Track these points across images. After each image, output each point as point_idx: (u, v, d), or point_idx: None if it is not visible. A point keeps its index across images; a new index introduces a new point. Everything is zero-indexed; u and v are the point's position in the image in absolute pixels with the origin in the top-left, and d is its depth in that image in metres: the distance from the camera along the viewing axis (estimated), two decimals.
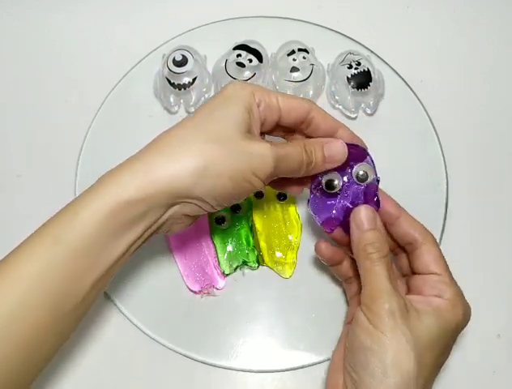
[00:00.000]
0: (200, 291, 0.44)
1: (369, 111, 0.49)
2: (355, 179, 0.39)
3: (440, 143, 0.49)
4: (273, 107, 0.36)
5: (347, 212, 0.38)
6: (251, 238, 0.45)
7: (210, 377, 0.42)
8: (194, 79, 0.49)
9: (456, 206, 0.47)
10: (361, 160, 0.39)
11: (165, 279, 0.44)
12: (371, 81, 0.48)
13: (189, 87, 0.49)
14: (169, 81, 0.48)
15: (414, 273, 0.37)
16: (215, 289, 0.44)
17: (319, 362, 0.42)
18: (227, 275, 0.44)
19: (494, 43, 0.54)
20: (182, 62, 0.48)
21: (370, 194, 0.39)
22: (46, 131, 0.51)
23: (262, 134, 0.38)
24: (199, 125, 0.34)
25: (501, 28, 0.55)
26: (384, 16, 0.56)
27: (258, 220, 0.46)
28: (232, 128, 0.34)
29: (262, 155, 0.34)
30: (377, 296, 0.34)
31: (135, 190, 0.32)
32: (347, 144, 0.38)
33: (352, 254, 0.37)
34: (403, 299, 0.34)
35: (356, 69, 0.48)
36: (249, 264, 0.44)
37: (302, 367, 0.42)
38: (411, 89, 0.51)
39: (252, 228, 0.45)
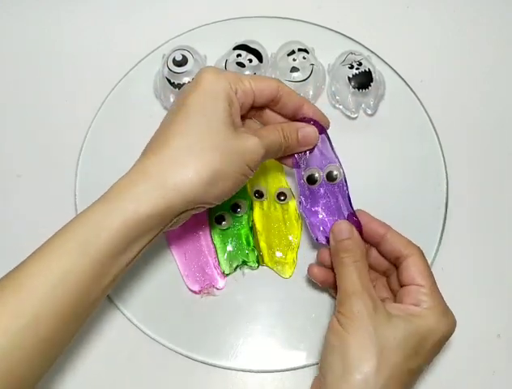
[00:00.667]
0: (200, 291, 0.44)
1: (369, 111, 0.49)
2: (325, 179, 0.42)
3: (440, 143, 0.49)
4: (248, 92, 0.38)
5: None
6: (251, 238, 0.45)
7: (210, 377, 0.42)
8: None
9: (456, 206, 0.47)
10: (320, 133, 0.42)
11: (165, 280, 0.44)
12: (372, 81, 0.48)
13: None
14: (169, 81, 0.48)
15: (401, 286, 0.38)
16: (215, 289, 0.44)
17: (318, 363, 0.42)
18: (227, 275, 0.44)
19: (494, 43, 0.54)
20: (182, 62, 0.48)
21: (343, 194, 0.42)
22: (46, 131, 0.51)
23: (242, 118, 0.40)
24: (195, 129, 0.35)
25: (501, 28, 0.55)
26: (384, 16, 0.56)
27: (258, 220, 0.46)
28: (224, 128, 0.36)
29: (254, 150, 0.37)
30: (346, 298, 0.35)
31: (153, 204, 0.34)
32: (308, 119, 0.41)
33: None
34: (372, 301, 0.35)
35: (357, 69, 0.48)
36: (248, 264, 0.44)
37: (302, 367, 0.42)
38: (411, 89, 0.51)
39: (252, 228, 0.45)
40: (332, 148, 0.42)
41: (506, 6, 0.56)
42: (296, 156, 0.42)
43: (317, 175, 0.42)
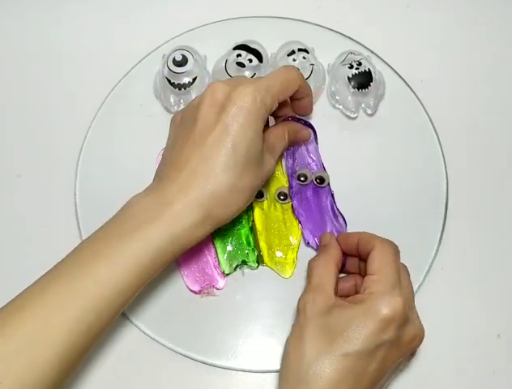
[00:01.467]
0: (200, 291, 0.44)
1: (369, 111, 0.49)
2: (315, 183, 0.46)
3: (440, 143, 0.48)
4: (274, 107, 0.39)
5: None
6: (251, 238, 0.45)
7: (210, 377, 0.42)
8: (194, 79, 0.49)
9: (456, 206, 0.47)
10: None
11: (165, 280, 0.44)
12: (372, 81, 0.48)
13: (189, 86, 0.49)
14: (169, 81, 0.48)
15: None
16: (215, 289, 0.44)
17: None
18: (227, 274, 0.44)
19: (494, 43, 0.54)
20: (182, 62, 0.48)
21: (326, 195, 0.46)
22: (46, 131, 0.51)
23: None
24: (237, 157, 0.37)
25: (501, 28, 0.55)
26: (384, 16, 0.56)
27: (258, 220, 0.46)
28: (259, 155, 0.38)
29: (271, 171, 0.40)
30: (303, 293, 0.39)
31: (199, 231, 0.37)
32: (296, 119, 0.45)
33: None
34: (321, 295, 0.37)
35: (356, 69, 0.48)
36: (248, 264, 0.44)
37: None
38: (411, 89, 0.51)
39: (252, 228, 0.45)
40: (317, 150, 0.47)
41: (506, 6, 0.56)
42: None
43: (308, 175, 0.46)
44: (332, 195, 0.46)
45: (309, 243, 0.45)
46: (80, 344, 0.33)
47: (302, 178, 0.46)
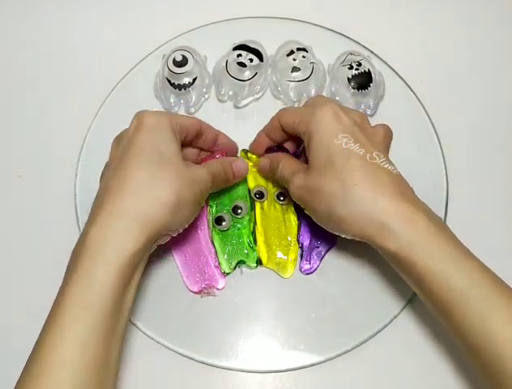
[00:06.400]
0: (200, 291, 0.44)
1: (369, 112, 0.49)
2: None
3: (440, 143, 0.49)
4: (183, 127, 0.41)
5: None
6: (252, 239, 0.45)
7: (210, 377, 0.42)
8: (195, 80, 0.49)
9: (456, 206, 0.47)
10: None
11: (165, 280, 0.44)
12: (371, 82, 0.48)
13: (189, 87, 0.49)
14: (169, 81, 0.48)
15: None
16: (215, 289, 0.44)
17: (319, 362, 0.42)
18: (227, 274, 0.44)
19: (495, 43, 0.54)
20: (182, 63, 0.48)
21: None
22: (46, 131, 0.51)
23: None
24: (151, 161, 0.37)
25: (502, 28, 0.55)
26: (384, 16, 0.56)
27: (259, 221, 0.46)
28: (177, 159, 0.38)
29: (204, 178, 0.40)
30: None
31: (134, 242, 0.34)
32: (274, 148, 0.46)
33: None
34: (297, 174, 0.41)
35: (356, 70, 0.48)
36: (247, 263, 0.44)
37: (302, 367, 0.42)
38: (411, 89, 0.51)
39: (253, 229, 0.45)
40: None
41: (507, 6, 0.56)
42: None
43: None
44: None
45: (302, 245, 0.45)
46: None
47: None
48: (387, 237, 0.36)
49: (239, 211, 0.45)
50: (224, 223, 0.45)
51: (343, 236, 0.39)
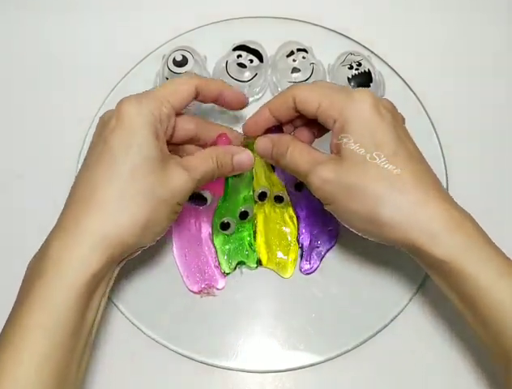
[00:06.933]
0: (200, 291, 0.44)
1: None
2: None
3: (440, 143, 0.49)
4: (170, 114, 0.37)
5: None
6: (253, 240, 0.45)
7: (210, 377, 0.42)
8: None
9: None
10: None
11: (165, 280, 0.44)
12: (371, 82, 0.48)
13: None
14: None
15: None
16: (215, 289, 0.44)
17: (319, 362, 0.42)
18: (227, 274, 0.44)
19: (495, 43, 0.54)
20: (182, 63, 0.48)
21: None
22: (46, 131, 0.51)
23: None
24: (123, 173, 0.34)
25: (502, 28, 0.55)
26: (384, 16, 0.56)
27: (259, 222, 0.45)
28: (153, 167, 0.35)
29: (183, 187, 0.36)
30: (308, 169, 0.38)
31: (97, 261, 0.33)
32: (271, 128, 0.41)
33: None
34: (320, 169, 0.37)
35: (356, 70, 0.48)
36: (247, 264, 0.44)
37: (302, 367, 0.42)
38: (411, 89, 0.51)
39: (254, 231, 0.45)
40: None
41: (507, 6, 0.56)
42: None
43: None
44: None
45: (302, 245, 0.45)
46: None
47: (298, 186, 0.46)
48: (435, 243, 0.34)
49: (246, 215, 0.45)
50: (229, 228, 0.45)
51: (377, 240, 0.37)
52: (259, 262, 0.45)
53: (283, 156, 0.39)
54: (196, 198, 0.44)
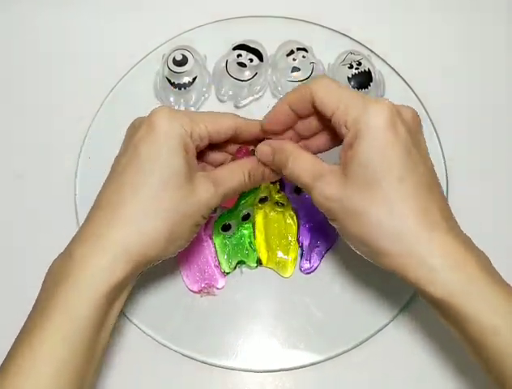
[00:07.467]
0: (200, 290, 0.44)
1: None
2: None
3: (440, 143, 0.48)
4: (203, 135, 0.37)
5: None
6: (253, 239, 0.45)
7: (210, 377, 0.42)
8: (194, 79, 0.49)
9: (456, 206, 0.47)
10: None
11: (165, 280, 0.44)
12: (371, 81, 0.48)
13: (189, 86, 0.49)
14: (169, 80, 0.48)
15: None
16: (215, 289, 0.44)
17: (319, 362, 0.42)
18: (227, 273, 0.44)
19: (495, 43, 0.54)
20: (182, 62, 0.48)
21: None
22: (46, 131, 0.51)
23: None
24: (150, 187, 0.34)
25: (502, 28, 0.55)
26: (384, 16, 0.56)
27: (259, 222, 0.45)
28: (180, 182, 0.34)
29: (209, 202, 0.36)
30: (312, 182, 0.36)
31: (120, 272, 0.33)
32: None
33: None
34: (324, 183, 0.35)
35: (356, 69, 0.48)
36: (247, 263, 0.44)
37: (302, 367, 0.42)
38: (411, 89, 0.51)
39: (253, 230, 0.45)
40: None
41: (507, 6, 0.56)
42: None
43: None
44: None
45: (302, 244, 0.45)
46: None
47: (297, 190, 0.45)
48: (434, 281, 0.32)
49: (248, 217, 0.45)
50: (230, 230, 0.45)
51: (374, 263, 0.35)
52: (259, 262, 0.45)
53: (284, 165, 0.37)
54: None
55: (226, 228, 0.45)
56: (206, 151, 0.40)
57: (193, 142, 0.36)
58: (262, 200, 0.45)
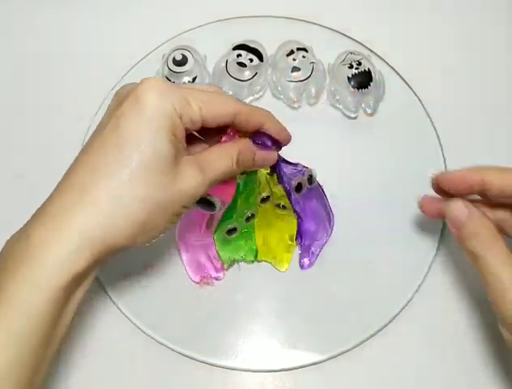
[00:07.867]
0: (200, 280, 0.44)
1: (369, 111, 0.49)
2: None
3: (440, 143, 0.49)
4: (195, 119, 0.33)
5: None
6: (253, 235, 0.45)
7: (210, 377, 0.42)
8: (194, 79, 0.49)
9: None
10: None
11: (165, 279, 0.44)
12: (371, 81, 0.48)
13: None
14: (169, 80, 0.49)
15: None
16: (214, 280, 0.44)
17: (319, 362, 0.42)
18: (226, 269, 0.44)
19: (495, 43, 0.54)
20: (182, 62, 0.48)
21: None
22: (46, 131, 0.51)
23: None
24: (128, 167, 0.30)
25: (502, 28, 0.55)
26: (384, 16, 0.56)
27: (258, 217, 0.45)
28: (162, 167, 0.31)
29: (194, 190, 0.33)
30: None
31: (83, 262, 0.30)
32: (266, 135, 0.37)
33: None
34: None
35: (356, 69, 0.48)
36: (245, 258, 0.44)
37: (302, 367, 0.42)
38: (411, 89, 0.51)
39: (254, 230, 0.45)
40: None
41: (508, 6, 0.56)
42: None
43: (302, 182, 0.42)
44: (323, 191, 0.45)
45: (301, 241, 0.45)
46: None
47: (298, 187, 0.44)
48: None
49: (252, 218, 0.44)
50: (236, 232, 0.44)
51: None
52: (256, 256, 0.44)
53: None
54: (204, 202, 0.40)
55: (231, 231, 0.44)
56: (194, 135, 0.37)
57: (183, 125, 0.32)
58: (264, 200, 0.45)
